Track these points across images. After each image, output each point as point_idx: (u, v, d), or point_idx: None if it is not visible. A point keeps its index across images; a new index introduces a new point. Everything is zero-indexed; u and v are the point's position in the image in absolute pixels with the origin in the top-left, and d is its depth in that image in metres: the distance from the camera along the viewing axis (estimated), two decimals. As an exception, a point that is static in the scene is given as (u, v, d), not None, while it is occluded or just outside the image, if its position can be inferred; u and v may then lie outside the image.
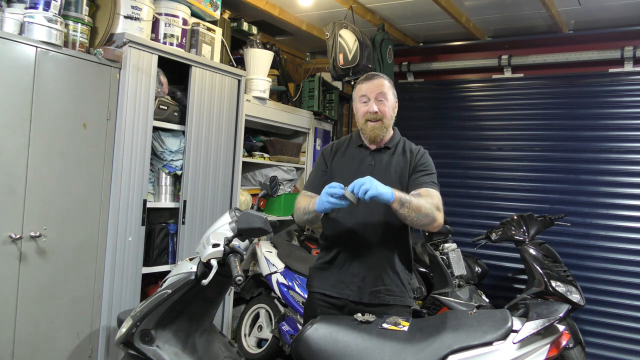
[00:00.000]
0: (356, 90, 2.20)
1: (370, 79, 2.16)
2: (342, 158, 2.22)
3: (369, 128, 2.13)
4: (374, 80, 2.15)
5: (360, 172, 2.12)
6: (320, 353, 1.75)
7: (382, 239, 2.10)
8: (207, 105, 3.19)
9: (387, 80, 2.17)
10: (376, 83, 2.14)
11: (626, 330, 3.73)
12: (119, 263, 2.72)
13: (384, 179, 2.07)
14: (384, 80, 2.16)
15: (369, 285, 2.09)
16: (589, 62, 4.00)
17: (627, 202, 3.82)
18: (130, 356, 2.01)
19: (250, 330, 3.74)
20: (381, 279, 2.10)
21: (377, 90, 2.12)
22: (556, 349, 1.64)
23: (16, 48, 2.29)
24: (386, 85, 2.15)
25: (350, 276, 2.11)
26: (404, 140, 2.25)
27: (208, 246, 1.87)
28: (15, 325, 2.32)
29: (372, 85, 2.13)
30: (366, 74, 2.21)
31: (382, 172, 2.11)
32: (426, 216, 1.92)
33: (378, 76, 2.17)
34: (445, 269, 3.37)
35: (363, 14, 3.91)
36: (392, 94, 2.18)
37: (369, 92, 2.13)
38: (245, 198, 3.77)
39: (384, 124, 2.13)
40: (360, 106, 2.16)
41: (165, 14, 2.98)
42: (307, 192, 2.22)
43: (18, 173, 2.31)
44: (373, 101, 2.12)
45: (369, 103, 2.12)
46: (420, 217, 1.91)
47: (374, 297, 2.09)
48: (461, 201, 4.40)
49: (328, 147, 2.32)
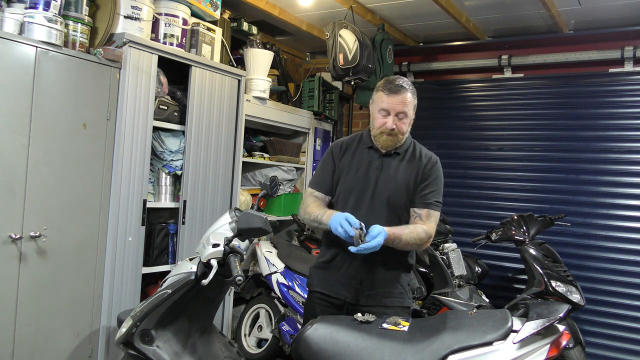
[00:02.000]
0: (377, 97, 2.10)
1: (395, 92, 2.04)
2: (351, 158, 2.19)
3: (382, 139, 2.09)
4: (398, 96, 2.04)
5: (368, 175, 2.12)
6: (320, 353, 1.75)
7: None
8: (207, 105, 3.19)
9: (411, 93, 2.08)
10: (400, 99, 2.04)
11: (626, 330, 3.73)
12: (119, 263, 2.72)
13: (390, 185, 2.09)
14: (408, 95, 2.06)
15: (367, 288, 2.09)
16: (589, 62, 4.00)
17: (627, 202, 3.82)
18: (130, 356, 2.01)
19: (250, 330, 3.74)
20: (379, 282, 2.09)
21: (399, 107, 2.04)
22: (556, 349, 1.64)
23: (16, 48, 2.29)
24: (409, 100, 2.06)
25: (348, 278, 2.11)
26: (414, 144, 2.21)
27: (208, 246, 1.87)
28: (15, 325, 2.32)
29: (395, 100, 2.04)
30: (392, 82, 2.08)
31: (389, 178, 2.11)
32: (411, 247, 2.10)
33: (404, 90, 2.05)
34: (445, 269, 3.37)
35: (363, 14, 3.91)
36: (412, 107, 2.10)
37: (390, 107, 2.05)
38: (245, 198, 3.77)
39: (397, 138, 2.09)
40: (378, 116, 2.09)
41: (165, 14, 2.98)
42: (314, 192, 2.20)
43: (18, 173, 2.31)
44: (392, 117, 2.05)
45: (387, 117, 2.05)
46: (407, 247, 2.08)
47: (371, 299, 2.09)
48: (461, 201, 4.40)
49: (338, 144, 2.25)
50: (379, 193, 2.10)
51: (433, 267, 3.47)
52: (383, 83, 2.11)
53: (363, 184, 2.12)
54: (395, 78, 2.12)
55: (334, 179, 2.19)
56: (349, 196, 2.14)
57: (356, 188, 2.13)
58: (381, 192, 2.10)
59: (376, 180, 2.11)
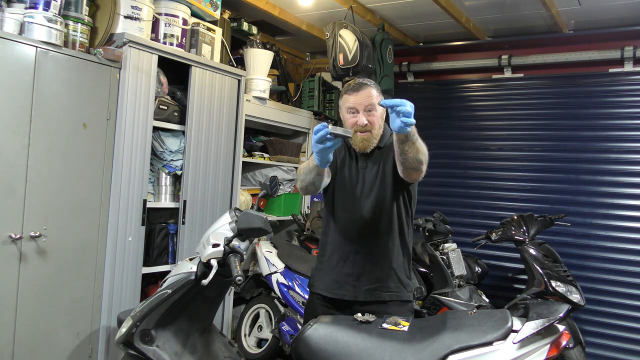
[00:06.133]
0: (343, 100, 2.11)
1: (357, 89, 2.05)
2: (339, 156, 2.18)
3: (358, 139, 2.07)
4: (361, 92, 2.05)
5: (354, 174, 2.13)
6: (320, 353, 1.75)
7: (377, 235, 2.09)
8: (207, 105, 3.19)
9: (375, 89, 2.09)
10: (364, 94, 2.05)
11: (626, 330, 3.73)
12: (119, 263, 2.72)
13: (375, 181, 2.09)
14: (372, 90, 2.07)
15: (364, 284, 2.09)
16: (589, 62, 4.00)
17: (627, 202, 3.82)
18: (130, 356, 2.01)
19: (250, 330, 3.74)
20: (376, 276, 2.09)
21: (365, 102, 2.04)
22: (556, 349, 1.64)
23: (16, 48, 2.29)
24: (374, 94, 2.06)
25: (345, 275, 2.10)
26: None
27: (208, 246, 1.87)
28: (15, 325, 2.32)
29: (360, 97, 2.04)
30: (353, 83, 2.10)
31: (374, 175, 2.11)
32: (420, 162, 1.86)
33: (366, 86, 2.06)
34: (445, 269, 3.37)
35: (363, 14, 3.91)
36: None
37: (357, 105, 2.05)
38: (245, 198, 3.77)
39: (372, 134, 2.07)
40: (348, 117, 2.09)
41: (165, 14, 2.98)
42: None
43: (18, 173, 2.31)
44: (362, 113, 2.04)
45: (357, 115, 2.05)
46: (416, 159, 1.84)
47: (370, 294, 2.08)
48: (461, 201, 4.40)
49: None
50: (368, 192, 2.10)
51: (433, 267, 3.47)
52: (344, 87, 2.13)
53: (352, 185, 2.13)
54: (355, 79, 2.15)
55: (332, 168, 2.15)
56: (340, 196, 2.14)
57: (348, 188, 2.13)
58: (369, 191, 2.10)
59: (363, 180, 2.12)
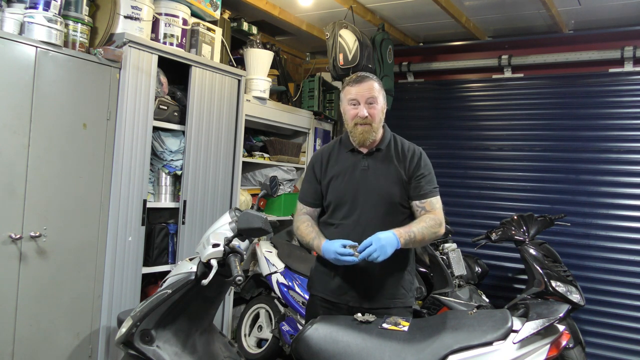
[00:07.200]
0: (345, 92, 2.14)
1: (360, 81, 2.09)
2: (335, 165, 2.17)
3: (358, 131, 2.08)
4: (363, 84, 2.08)
5: (355, 178, 2.11)
6: (320, 353, 1.75)
7: None
8: (207, 105, 3.19)
9: (377, 82, 2.12)
10: (366, 86, 2.07)
11: (626, 330, 3.73)
12: (119, 263, 2.72)
13: (380, 183, 2.08)
14: (374, 83, 2.09)
15: (370, 291, 2.08)
16: (589, 62, 4.00)
17: (627, 202, 3.82)
18: (130, 356, 2.01)
19: (250, 330, 3.74)
20: (382, 284, 2.08)
21: (367, 94, 2.07)
22: (556, 349, 1.65)
23: (16, 48, 2.29)
24: (376, 88, 2.09)
25: (351, 282, 2.09)
26: (394, 137, 2.21)
27: (208, 246, 1.87)
28: (16, 325, 2.32)
29: (362, 88, 2.07)
30: (355, 76, 2.13)
31: (377, 176, 2.10)
32: (428, 240, 2.09)
33: (368, 78, 2.10)
34: (445, 269, 3.37)
35: (363, 14, 3.91)
36: (382, 96, 2.12)
37: (358, 96, 2.07)
38: (245, 198, 3.77)
39: (372, 127, 2.08)
40: (349, 109, 2.11)
41: (165, 14, 2.98)
42: (304, 209, 2.22)
43: (18, 173, 2.31)
44: (363, 105, 2.06)
45: (358, 107, 2.07)
46: (424, 243, 2.11)
47: (375, 302, 2.07)
48: (461, 201, 4.40)
49: (317, 156, 2.25)
50: (370, 194, 2.09)
51: (433, 267, 3.47)
52: (347, 79, 2.16)
53: (353, 188, 2.11)
54: (358, 72, 2.18)
55: (321, 190, 2.19)
56: (340, 203, 2.13)
57: (347, 194, 2.11)
58: (372, 192, 2.09)
59: (365, 182, 2.10)
